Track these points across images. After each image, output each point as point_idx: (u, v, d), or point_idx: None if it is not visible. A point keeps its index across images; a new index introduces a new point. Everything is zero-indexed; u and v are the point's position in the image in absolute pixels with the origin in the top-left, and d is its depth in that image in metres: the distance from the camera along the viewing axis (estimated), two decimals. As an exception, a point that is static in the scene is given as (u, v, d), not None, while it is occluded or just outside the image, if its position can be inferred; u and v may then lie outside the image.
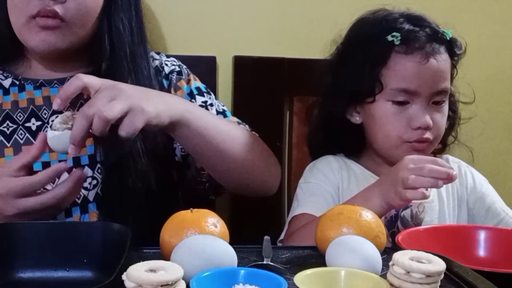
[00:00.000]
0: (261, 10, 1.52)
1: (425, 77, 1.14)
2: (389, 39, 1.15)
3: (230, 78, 1.51)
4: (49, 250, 0.84)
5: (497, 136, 1.62)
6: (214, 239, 0.78)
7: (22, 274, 0.83)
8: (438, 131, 1.18)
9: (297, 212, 1.17)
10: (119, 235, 0.83)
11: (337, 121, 1.23)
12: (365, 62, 1.17)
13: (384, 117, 1.17)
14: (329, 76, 1.25)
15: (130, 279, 0.66)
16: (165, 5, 1.46)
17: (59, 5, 1.05)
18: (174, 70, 1.23)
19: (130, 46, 1.14)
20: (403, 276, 0.72)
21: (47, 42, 1.07)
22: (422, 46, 1.14)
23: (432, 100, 1.16)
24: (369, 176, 1.22)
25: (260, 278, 0.72)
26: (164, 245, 0.82)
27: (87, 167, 1.11)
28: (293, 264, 0.86)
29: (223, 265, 0.74)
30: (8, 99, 1.14)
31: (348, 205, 0.92)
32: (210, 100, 1.22)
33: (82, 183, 0.95)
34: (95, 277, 0.83)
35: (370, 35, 1.19)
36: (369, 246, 0.80)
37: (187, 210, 0.86)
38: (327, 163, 1.24)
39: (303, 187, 1.22)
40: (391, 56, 1.16)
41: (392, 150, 1.18)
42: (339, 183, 1.21)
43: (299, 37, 1.32)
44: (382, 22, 1.19)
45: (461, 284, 0.78)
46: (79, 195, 1.09)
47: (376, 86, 1.17)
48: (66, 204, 0.97)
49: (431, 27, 1.17)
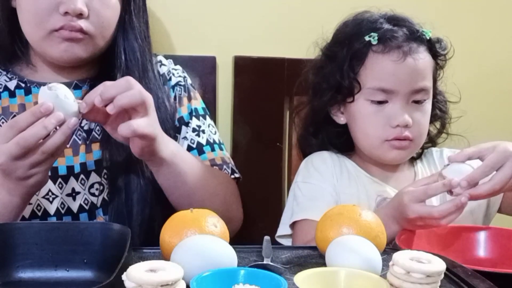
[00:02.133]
0: (261, 10, 1.52)
1: (402, 76, 1.14)
2: (366, 39, 1.16)
3: (230, 78, 1.51)
4: (49, 250, 0.84)
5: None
6: (214, 239, 0.78)
7: (22, 274, 0.83)
8: (419, 129, 1.17)
9: (299, 217, 1.17)
10: (119, 235, 0.83)
11: (323, 121, 1.24)
12: (344, 62, 1.18)
13: (363, 116, 1.17)
14: (313, 76, 1.25)
15: (130, 279, 0.66)
16: (165, 6, 1.46)
17: (83, 20, 1.05)
18: (179, 83, 1.23)
19: (141, 54, 1.14)
20: (403, 276, 0.72)
21: (70, 53, 1.07)
22: (399, 45, 1.14)
23: (412, 99, 1.16)
24: (361, 174, 1.22)
25: (260, 278, 0.72)
26: (164, 245, 0.82)
27: (94, 172, 1.11)
28: (293, 264, 0.86)
29: (223, 265, 0.74)
30: (14, 102, 1.13)
31: (348, 205, 0.92)
32: (204, 125, 1.23)
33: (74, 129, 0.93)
34: (95, 277, 0.83)
35: (350, 35, 1.20)
36: (369, 246, 0.80)
37: (187, 210, 0.86)
38: (322, 161, 1.24)
39: (302, 187, 1.22)
40: (368, 56, 1.16)
41: (373, 149, 1.18)
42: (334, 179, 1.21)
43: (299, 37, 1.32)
44: (363, 23, 1.19)
45: (461, 284, 0.78)
46: (87, 200, 1.10)
47: (354, 86, 1.17)
48: (61, 152, 0.95)
49: (410, 27, 1.17)
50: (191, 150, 1.18)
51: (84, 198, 1.10)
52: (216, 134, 1.25)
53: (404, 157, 1.20)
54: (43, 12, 1.04)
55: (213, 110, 1.45)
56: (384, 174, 1.22)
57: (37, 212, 1.08)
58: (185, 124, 1.21)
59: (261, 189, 1.48)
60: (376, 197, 1.19)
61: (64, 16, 1.04)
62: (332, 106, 1.23)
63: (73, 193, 1.10)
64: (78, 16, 1.05)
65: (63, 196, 1.09)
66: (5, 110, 1.13)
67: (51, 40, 1.06)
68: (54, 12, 1.04)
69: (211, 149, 1.21)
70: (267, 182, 1.50)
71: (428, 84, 1.17)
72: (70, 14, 1.04)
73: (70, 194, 1.10)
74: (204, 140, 1.21)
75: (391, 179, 1.22)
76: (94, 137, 1.13)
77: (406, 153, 1.18)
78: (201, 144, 1.20)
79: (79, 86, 1.15)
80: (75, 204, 1.10)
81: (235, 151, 1.49)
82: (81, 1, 1.04)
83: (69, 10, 1.04)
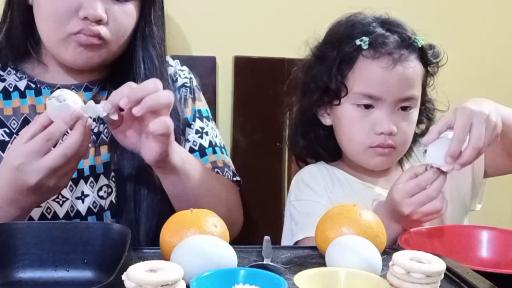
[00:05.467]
0: (261, 10, 1.52)
1: (390, 83, 1.13)
2: (357, 43, 1.15)
3: (230, 78, 1.51)
4: (49, 250, 0.84)
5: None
6: (214, 239, 0.78)
7: (22, 274, 0.83)
8: (404, 137, 1.16)
9: (300, 237, 1.15)
10: (119, 235, 0.83)
11: (311, 121, 1.23)
12: (333, 64, 1.17)
13: (348, 121, 1.16)
14: (302, 75, 1.24)
15: (130, 279, 0.66)
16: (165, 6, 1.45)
17: (102, 25, 1.05)
18: (185, 85, 1.23)
19: (159, 61, 1.14)
20: (403, 276, 0.72)
21: (84, 57, 1.07)
22: (390, 52, 1.13)
23: (398, 106, 1.14)
24: (353, 181, 1.22)
25: (260, 278, 0.72)
26: (164, 245, 0.82)
27: (102, 175, 1.11)
28: (293, 264, 0.86)
29: (223, 265, 0.74)
30: (25, 103, 1.12)
31: (348, 205, 0.92)
32: (207, 127, 1.23)
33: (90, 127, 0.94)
34: (95, 277, 0.83)
35: (341, 37, 1.18)
36: (369, 246, 0.80)
37: (187, 210, 0.86)
38: (311, 176, 1.23)
39: (296, 206, 1.21)
40: (357, 60, 1.15)
41: (357, 154, 1.18)
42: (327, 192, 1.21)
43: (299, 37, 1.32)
44: (355, 25, 1.18)
45: (461, 284, 0.78)
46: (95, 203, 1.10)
47: (341, 90, 1.16)
48: (84, 151, 0.95)
49: (402, 33, 1.15)
50: (193, 152, 1.18)
51: (93, 200, 1.10)
52: (217, 137, 1.25)
53: (387, 163, 1.19)
54: (63, 15, 1.04)
55: (213, 110, 1.45)
56: (374, 177, 1.22)
57: (47, 215, 1.08)
58: (188, 126, 1.20)
59: (261, 189, 1.48)
60: (372, 202, 1.19)
61: (83, 20, 1.04)
62: (319, 107, 1.21)
63: (82, 196, 1.10)
64: (97, 22, 1.04)
65: (73, 199, 1.09)
66: (16, 111, 1.12)
67: (68, 43, 1.06)
68: (73, 15, 1.04)
69: (213, 152, 1.21)
70: (267, 182, 1.50)
71: (416, 93, 1.16)
72: (89, 19, 1.04)
73: (79, 197, 1.10)
74: (207, 142, 1.21)
75: (381, 181, 1.22)
76: (102, 140, 1.12)
77: (388, 160, 1.18)
78: (203, 146, 1.20)
79: (89, 88, 1.14)
80: (84, 206, 1.10)
81: (235, 151, 1.49)
82: (101, 7, 1.04)
83: (88, 16, 1.03)
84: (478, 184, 1.22)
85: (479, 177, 1.21)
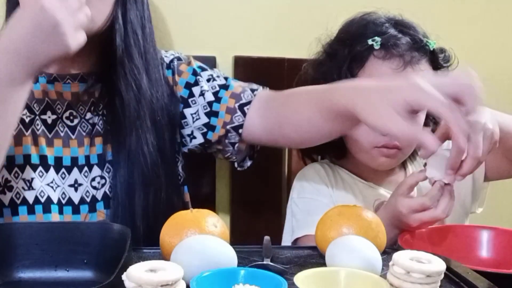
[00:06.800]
0: (261, 10, 1.52)
1: None
2: (369, 42, 1.15)
3: (230, 78, 1.51)
4: (49, 250, 0.84)
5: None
6: (214, 239, 0.78)
7: (22, 274, 0.83)
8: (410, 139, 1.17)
9: (300, 234, 1.16)
10: (119, 235, 0.83)
11: None
12: (344, 62, 1.17)
13: None
14: (312, 71, 1.24)
15: (130, 279, 0.66)
16: (164, 5, 1.46)
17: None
18: (174, 58, 1.23)
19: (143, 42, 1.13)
20: (403, 276, 0.72)
21: None
22: (401, 54, 1.13)
23: None
24: (356, 180, 1.22)
25: (260, 278, 0.72)
26: (164, 245, 0.82)
27: (96, 166, 1.11)
28: (293, 264, 0.86)
29: (223, 265, 0.74)
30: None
31: (348, 205, 0.92)
32: (215, 73, 1.23)
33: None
34: (95, 277, 0.83)
35: (353, 36, 1.19)
36: (369, 246, 0.80)
37: (187, 210, 0.86)
38: (315, 173, 1.23)
39: (298, 203, 1.22)
40: (368, 60, 1.15)
41: (362, 153, 1.18)
42: (329, 190, 1.21)
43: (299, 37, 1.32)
44: (368, 25, 1.18)
45: (461, 284, 0.78)
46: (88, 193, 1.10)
47: None
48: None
49: (415, 36, 1.16)
50: (219, 93, 1.18)
51: (86, 190, 1.11)
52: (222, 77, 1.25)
53: (391, 164, 1.19)
54: None
55: (213, 110, 1.45)
56: (378, 177, 1.22)
57: (40, 199, 1.08)
58: (195, 84, 1.20)
59: (261, 189, 1.48)
60: (374, 202, 1.19)
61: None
62: None
63: (75, 184, 1.10)
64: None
65: (65, 186, 1.10)
66: None
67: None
68: None
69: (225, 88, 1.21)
70: (267, 181, 1.50)
71: None
72: None
73: (72, 185, 1.10)
74: (222, 80, 1.21)
75: (385, 181, 1.22)
76: (97, 131, 1.12)
77: (393, 160, 1.18)
78: (223, 84, 1.20)
79: (84, 79, 1.13)
80: (77, 195, 1.10)
81: (235, 151, 1.49)
82: None
83: None
84: (479, 188, 1.22)
85: (480, 181, 1.21)
